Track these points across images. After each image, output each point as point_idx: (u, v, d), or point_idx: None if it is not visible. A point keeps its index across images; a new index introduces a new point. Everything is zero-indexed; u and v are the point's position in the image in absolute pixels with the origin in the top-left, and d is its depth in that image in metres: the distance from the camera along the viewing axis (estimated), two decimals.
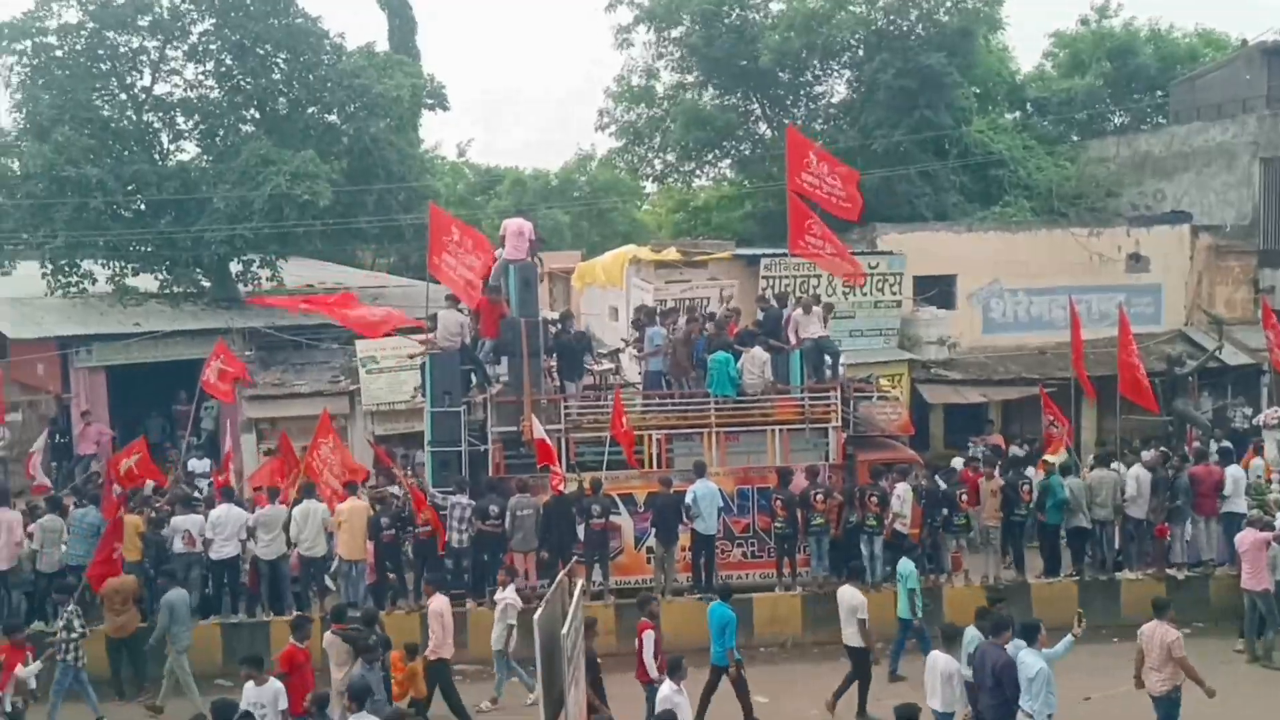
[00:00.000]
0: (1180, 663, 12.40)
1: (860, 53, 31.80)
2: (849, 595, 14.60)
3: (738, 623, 14.44)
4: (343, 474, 18.29)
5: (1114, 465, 18.66)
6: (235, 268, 28.04)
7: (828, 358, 19.57)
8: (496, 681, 15.62)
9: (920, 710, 11.02)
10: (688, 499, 17.54)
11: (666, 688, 11.64)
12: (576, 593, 11.01)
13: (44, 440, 21.95)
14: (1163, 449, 20.47)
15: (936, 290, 26.55)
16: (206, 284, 28.36)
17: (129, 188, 26.78)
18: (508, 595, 15.41)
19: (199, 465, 23.67)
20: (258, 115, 28.63)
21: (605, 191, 40.33)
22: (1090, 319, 24.78)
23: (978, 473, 18.45)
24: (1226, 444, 20.59)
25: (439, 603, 14.87)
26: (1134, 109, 36.98)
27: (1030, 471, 19.09)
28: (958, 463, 20.42)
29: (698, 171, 36.73)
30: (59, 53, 26.85)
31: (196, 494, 19.29)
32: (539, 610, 9.72)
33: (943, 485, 18.45)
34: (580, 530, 17.69)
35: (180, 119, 28.55)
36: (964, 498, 18.04)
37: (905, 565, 15.84)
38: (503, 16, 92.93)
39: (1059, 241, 27.14)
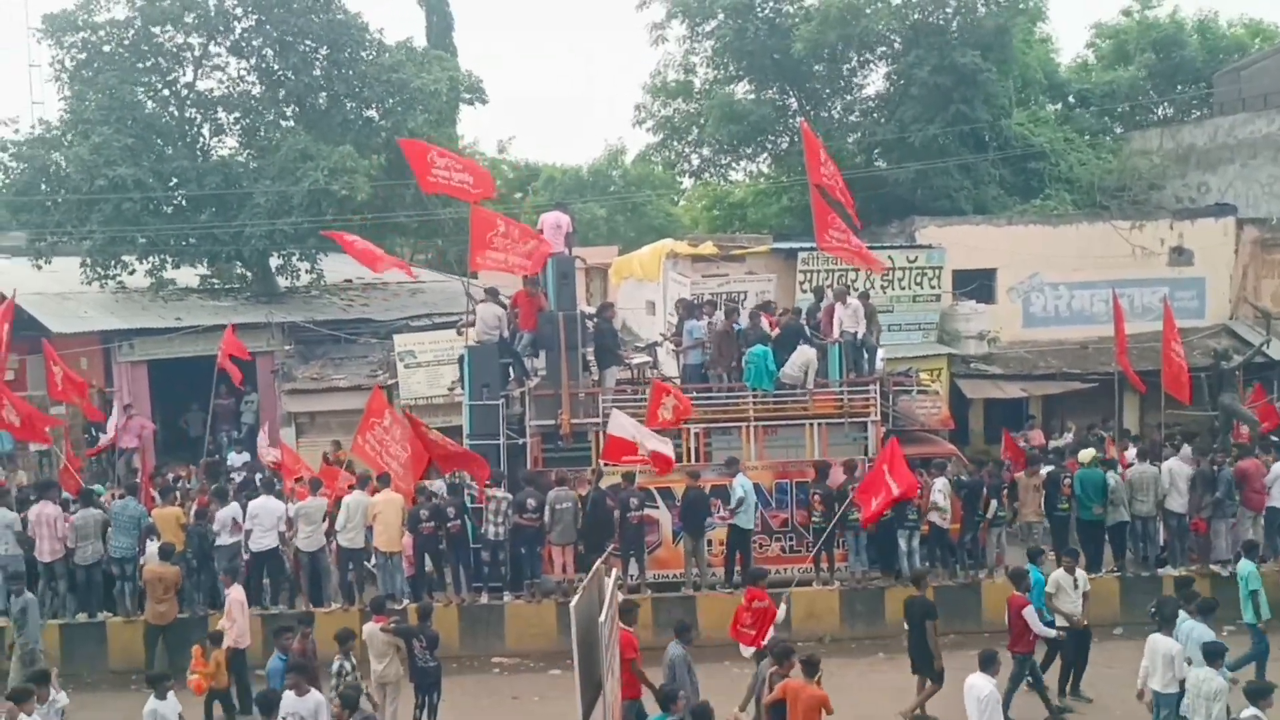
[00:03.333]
0: None
1: (897, 45, 31.56)
2: (1163, 644, 12.54)
3: (1043, 585, 14.61)
4: (401, 455, 17.78)
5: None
6: (275, 262, 28.27)
7: (865, 352, 19.45)
8: None
9: None
10: (739, 492, 17.48)
11: (987, 683, 11.45)
12: (612, 583, 10.97)
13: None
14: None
15: (976, 284, 26.32)
16: (247, 278, 28.62)
17: (171, 183, 27.06)
18: None
19: (237, 459, 23.91)
20: (297, 110, 28.84)
21: (639, 185, 40.28)
22: (1133, 313, 24.48)
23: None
24: (1274, 438, 20.28)
25: (238, 593, 14.91)
26: (1178, 100, 36.45)
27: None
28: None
29: (734, 166, 36.59)
30: (106, 48, 27.16)
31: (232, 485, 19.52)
32: (575, 599, 9.70)
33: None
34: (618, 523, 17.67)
35: (221, 114, 28.83)
36: (1007, 493, 17.96)
37: (1244, 566, 15.11)
38: (540, 14, 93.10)
39: (1101, 234, 26.80)
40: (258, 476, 20.94)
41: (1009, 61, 31.39)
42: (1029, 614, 13.68)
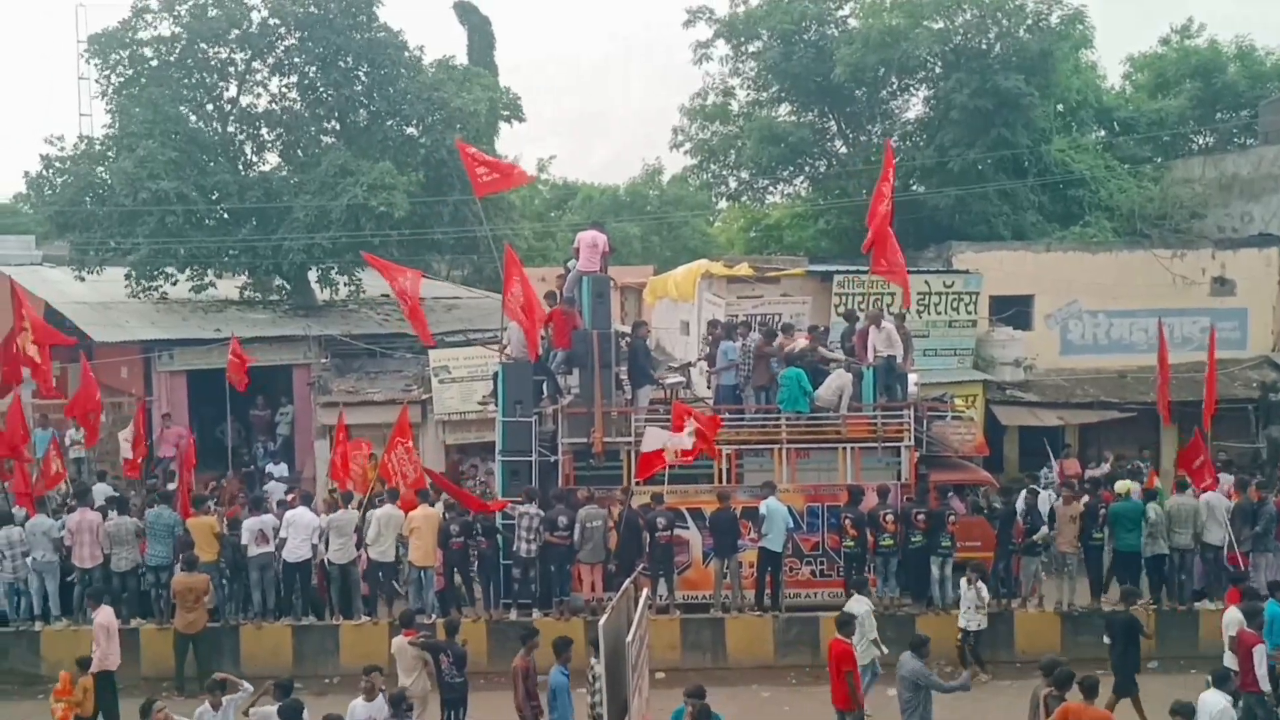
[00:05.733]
0: None
1: (938, 70, 31.46)
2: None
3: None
4: (411, 477, 18.21)
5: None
6: (313, 275, 28.51)
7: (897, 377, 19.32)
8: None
9: None
10: (761, 510, 17.43)
11: (1221, 699, 11.30)
12: (641, 603, 10.95)
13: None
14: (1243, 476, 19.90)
15: (1013, 310, 26.14)
16: (286, 291, 28.89)
17: (213, 197, 27.38)
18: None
19: (274, 469, 24.07)
20: (338, 127, 29.09)
21: (675, 206, 40.30)
22: (1172, 342, 24.16)
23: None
24: None
25: (104, 615, 14.87)
26: (1220, 128, 36.09)
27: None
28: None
29: (771, 189, 36.55)
30: (153, 64, 27.52)
31: (269, 497, 19.63)
32: (604, 618, 9.69)
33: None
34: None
35: (264, 130, 29.15)
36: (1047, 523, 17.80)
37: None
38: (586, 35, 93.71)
39: (1141, 263, 26.56)
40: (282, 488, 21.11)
41: (1051, 86, 31.20)
42: (1258, 653, 12.91)
